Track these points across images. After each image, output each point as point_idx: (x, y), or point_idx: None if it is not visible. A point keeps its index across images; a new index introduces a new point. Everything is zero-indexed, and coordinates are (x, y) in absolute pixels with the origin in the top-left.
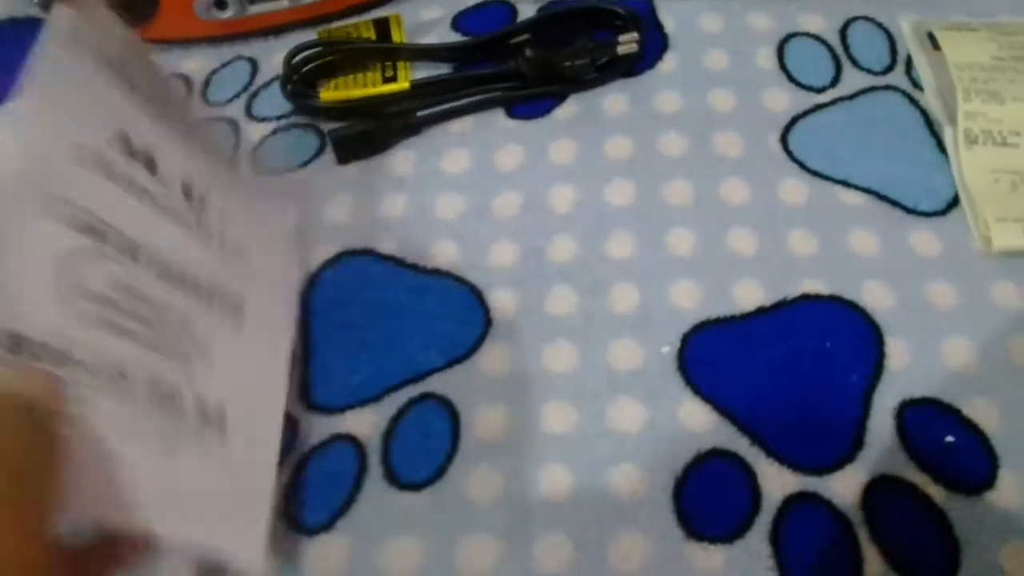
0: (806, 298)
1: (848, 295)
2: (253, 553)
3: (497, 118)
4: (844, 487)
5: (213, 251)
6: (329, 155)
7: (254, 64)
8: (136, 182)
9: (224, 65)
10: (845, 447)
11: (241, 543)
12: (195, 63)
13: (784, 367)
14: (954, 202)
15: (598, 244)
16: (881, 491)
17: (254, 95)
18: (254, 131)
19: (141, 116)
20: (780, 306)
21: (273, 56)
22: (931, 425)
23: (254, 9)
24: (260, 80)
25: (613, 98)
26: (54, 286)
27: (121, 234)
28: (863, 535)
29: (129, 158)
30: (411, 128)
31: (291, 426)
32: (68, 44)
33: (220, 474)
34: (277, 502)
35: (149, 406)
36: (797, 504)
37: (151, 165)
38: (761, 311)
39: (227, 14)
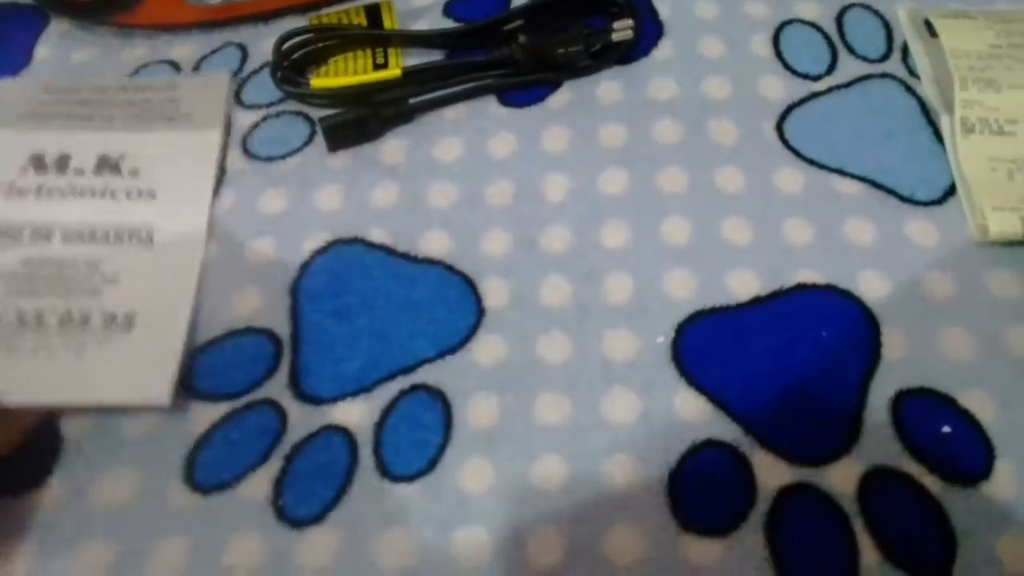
0: (802, 288)
1: (844, 285)
2: (160, 393)
3: (490, 105)
4: (839, 478)
5: (121, 203)
6: (319, 143)
7: (244, 50)
8: (46, 186)
9: (214, 51)
10: (841, 438)
11: (148, 392)
12: (184, 50)
13: (779, 357)
14: (951, 191)
15: (592, 233)
16: (877, 482)
17: (244, 82)
18: (244, 118)
19: (57, 132)
20: (775, 296)
21: (263, 42)
22: (927, 415)
23: None
24: (250, 67)
25: (607, 85)
26: None
27: (33, 225)
28: (858, 526)
29: (40, 171)
30: (403, 116)
31: (281, 416)
32: None
33: (124, 357)
34: (266, 492)
35: (61, 334)
36: (792, 496)
37: (63, 164)
38: (756, 301)
39: (216, 0)
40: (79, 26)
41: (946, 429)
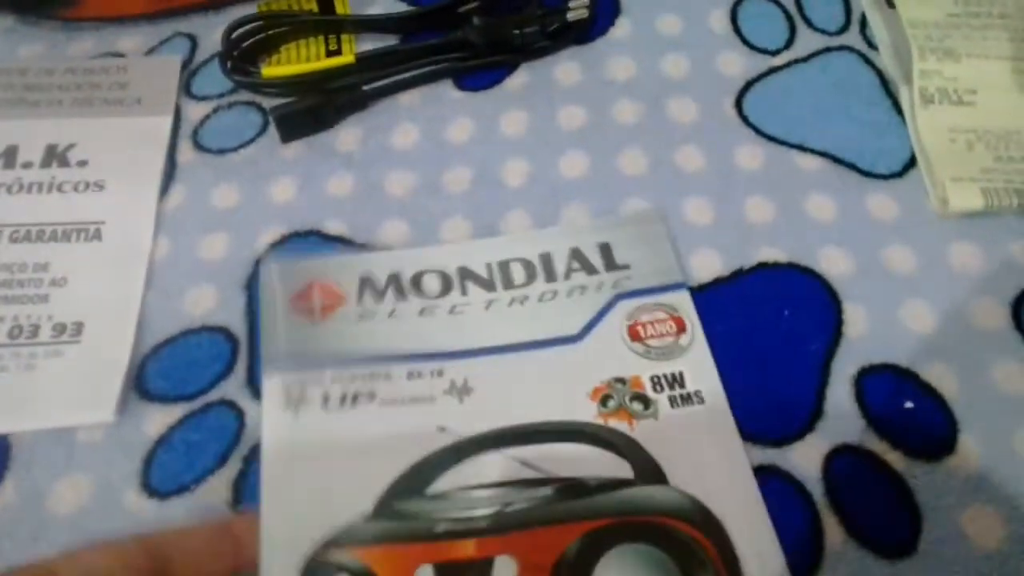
0: (763, 267)
1: (805, 262)
2: (106, 410)
3: (446, 90)
4: (804, 458)
5: (69, 197)
6: (273, 134)
7: (193, 40)
8: None
9: (163, 42)
10: (804, 417)
11: (94, 410)
12: (132, 41)
13: (742, 338)
14: (911, 163)
15: (551, 217)
16: (841, 460)
17: (194, 73)
18: (194, 110)
19: (3, 121)
20: (737, 275)
21: (213, 32)
22: (890, 391)
23: None
24: (200, 57)
25: (565, 66)
26: None
27: None
28: (823, 505)
29: None
30: (357, 103)
31: (239, 416)
32: None
33: (73, 369)
34: (225, 496)
35: (11, 347)
36: (757, 477)
37: (11, 157)
38: (718, 281)
39: None
40: (24, 21)
41: (909, 404)
